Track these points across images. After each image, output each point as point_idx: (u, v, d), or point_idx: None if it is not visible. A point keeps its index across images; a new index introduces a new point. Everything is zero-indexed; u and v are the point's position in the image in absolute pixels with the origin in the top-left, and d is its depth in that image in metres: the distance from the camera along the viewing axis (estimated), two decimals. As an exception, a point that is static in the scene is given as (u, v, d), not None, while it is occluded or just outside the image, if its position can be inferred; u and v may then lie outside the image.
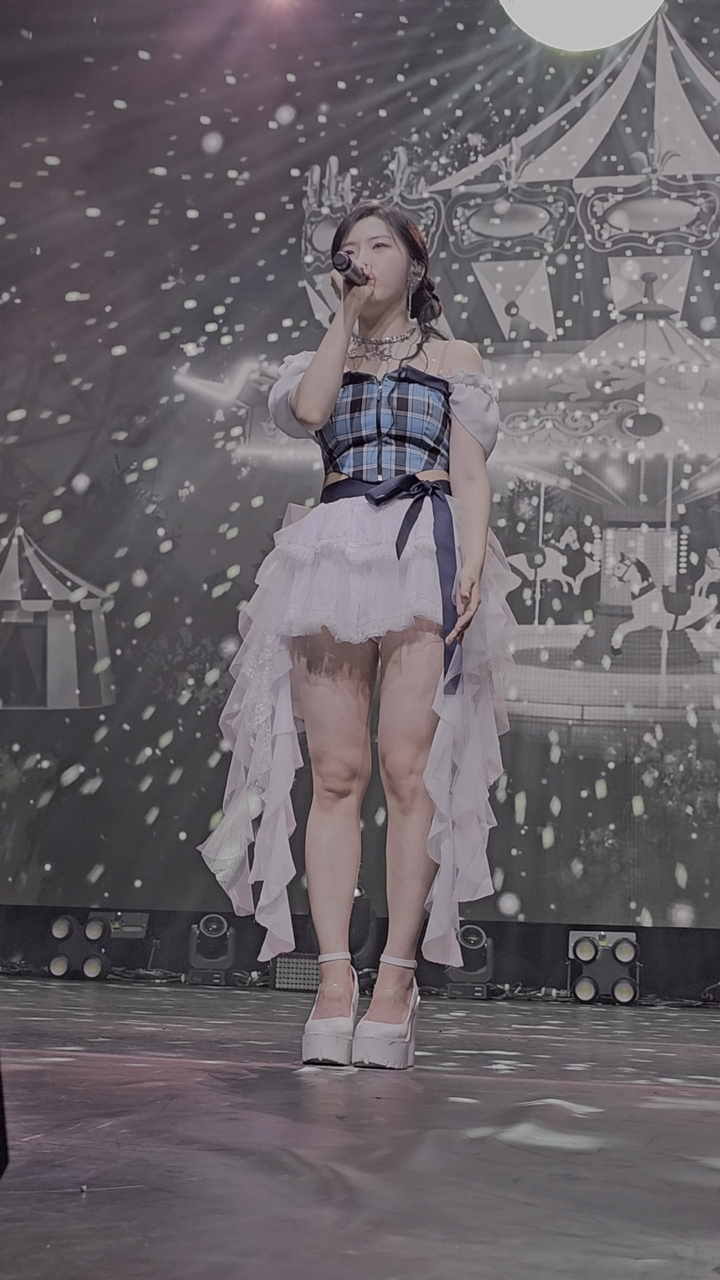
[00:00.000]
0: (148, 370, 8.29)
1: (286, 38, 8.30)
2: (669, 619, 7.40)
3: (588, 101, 7.96)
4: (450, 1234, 1.28)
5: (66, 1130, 1.80)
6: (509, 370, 7.68)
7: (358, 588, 3.08)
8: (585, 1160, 1.79)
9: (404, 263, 3.27)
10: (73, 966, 7.38)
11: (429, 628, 3.07)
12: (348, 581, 3.07)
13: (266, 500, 7.74)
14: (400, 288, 3.28)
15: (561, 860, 7.27)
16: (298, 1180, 1.53)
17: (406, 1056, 3.00)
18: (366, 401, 3.19)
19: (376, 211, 3.31)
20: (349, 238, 3.28)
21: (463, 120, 8.09)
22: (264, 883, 3.06)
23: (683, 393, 7.60)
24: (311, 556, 3.12)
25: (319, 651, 3.13)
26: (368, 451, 3.19)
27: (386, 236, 3.26)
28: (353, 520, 3.13)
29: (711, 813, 7.17)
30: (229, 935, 7.26)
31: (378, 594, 3.07)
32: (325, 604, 3.07)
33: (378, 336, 3.29)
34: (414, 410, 3.17)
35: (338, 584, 3.07)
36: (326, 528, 3.14)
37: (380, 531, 3.10)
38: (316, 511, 3.23)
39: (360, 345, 3.30)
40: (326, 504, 3.22)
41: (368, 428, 3.18)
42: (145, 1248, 1.16)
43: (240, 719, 3.13)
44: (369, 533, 3.11)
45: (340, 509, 3.16)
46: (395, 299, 3.28)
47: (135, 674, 7.93)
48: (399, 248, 3.27)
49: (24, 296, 8.54)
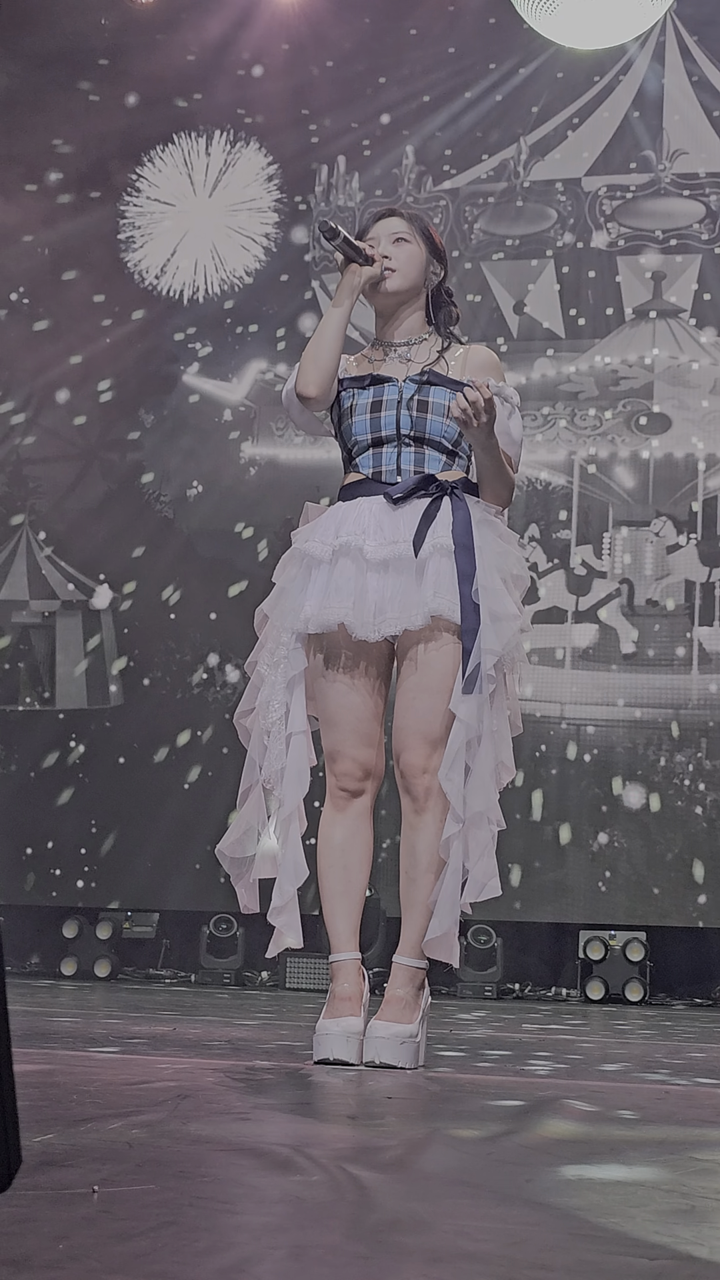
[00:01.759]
0: (157, 370, 8.30)
1: (297, 38, 8.30)
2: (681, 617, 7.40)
3: (597, 99, 7.94)
4: (462, 1234, 1.28)
5: (78, 1130, 1.80)
6: (518, 369, 7.66)
7: (375, 586, 3.08)
8: (597, 1160, 1.79)
9: (423, 259, 3.28)
10: (83, 966, 7.38)
11: (446, 627, 3.07)
12: (365, 580, 3.08)
13: (275, 498, 7.73)
14: (419, 283, 3.28)
15: (572, 859, 7.26)
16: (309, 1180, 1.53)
17: (417, 1056, 3.00)
18: (387, 403, 3.20)
19: (398, 212, 3.33)
20: (369, 234, 3.29)
21: (472, 119, 8.08)
22: (276, 883, 3.05)
23: (693, 391, 7.59)
24: (329, 554, 3.12)
25: (335, 650, 3.13)
26: (387, 452, 3.20)
27: (407, 233, 3.28)
28: (371, 519, 3.13)
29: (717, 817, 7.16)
30: (239, 935, 7.26)
31: (394, 592, 3.08)
32: (342, 601, 3.07)
33: (398, 338, 3.29)
34: (434, 413, 3.18)
35: (355, 582, 3.08)
36: (345, 526, 3.14)
37: (398, 530, 3.10)
38: (334, 510, 3.23)
39: (379, 348, 3.31)
40: (344, 503, 3.22)
41: (387, 429, 3.19)
42: (157, 1248, 1.16)
43: (255, 717, 3.13)
44: (387, 531, 3.11)
45: (359, 508, 3.17)
46: (413, 294, 3.29)
47: (144, 673, 7.92)
48: (419, 244, 3.28)
49: (32, 297, 8.55)
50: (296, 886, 3.04)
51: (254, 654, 3.21)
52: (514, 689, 3.18)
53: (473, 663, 3.01)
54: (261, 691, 3.13)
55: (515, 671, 3.18)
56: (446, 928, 2.99)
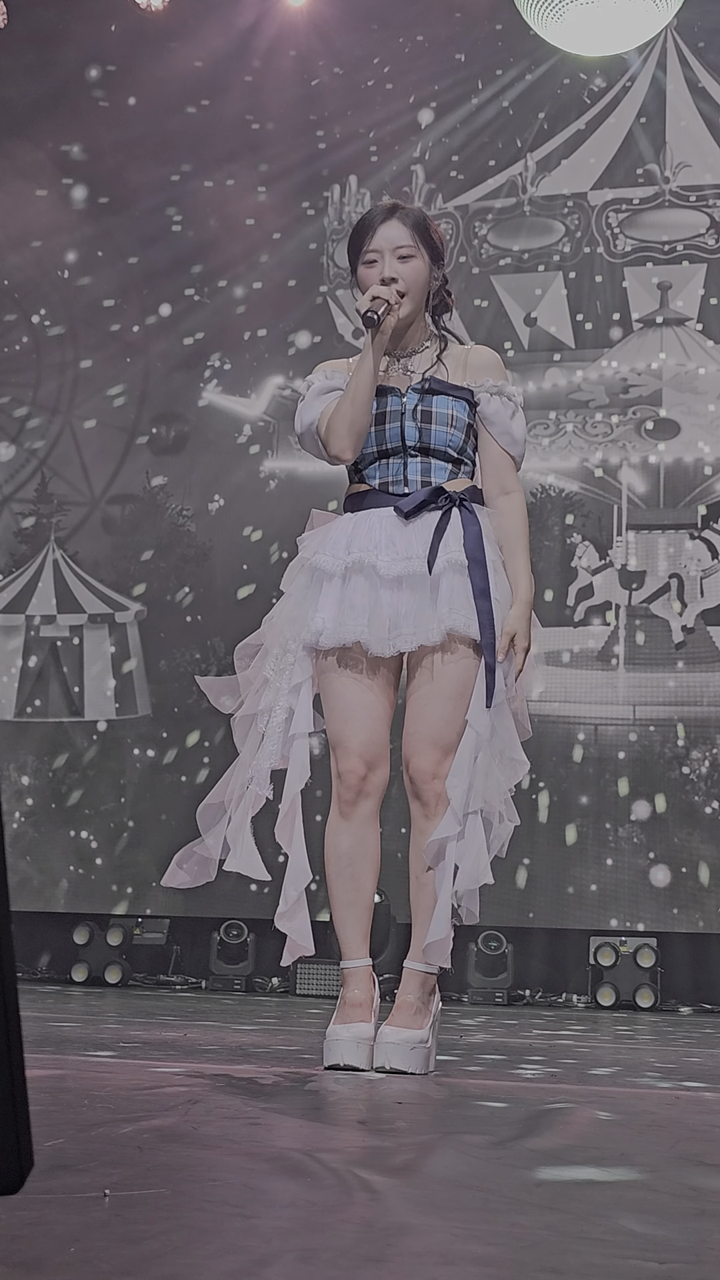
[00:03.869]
0: (176, 384, 8.34)
1: (304, 47, 8.32)
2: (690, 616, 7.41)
3: (601, 114, 7.99)
4: (473, 1237, 1.28)
5: (89, 1135, 1.81)
6: (529, 378, 7.70)
7: (389, 602, 3.08)
8: (607, 1165, 1.78)
9: (427, 272, 3.25)
10: (94, 973, 7.38)
11: (461, 640, 3.07)
12: (379, 596, 3.08)
13: (295, 511, 7.77)
14: (423, 298, 3.26)
15: (583, 865, 7.25)
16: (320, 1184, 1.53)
17: (428, 1062, 3.00)
18: (391, 414, 3.19)
19: (398, 214, 3.26)
20: (371, 244, 3.22)
21: (480, 131, 8.11)
22: (283, 887, 3.05)
23: (700, 397, 7.63)
24: (341, 569, 3.12)
25: (345, 659, 3.13)
26: (393, 464, 3.19)
27: (411, 246, 3.21)
28: (383, 534, 3.12)
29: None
30: (249, 941, 7.26)
31: (409, 609, 3.08)
32: (358, 619, 3.07)
33: (401, 348, 3.28)
34: (438, 423, 3.17)
35: (369, 599, 3.07)
36: (356, 541, 3.13)
37: (410, 545, 3.10)
38: (344, 522, 3.21)
39: (385, 358, 3.29)
40: (353, 514, 3.21)
41: (393, 440, 3.18)
42: (168, 1252, 1.17)
43: (254, 720, 3.12)
44: (399, 547, 3.10)
45: (370, 521, 3.15)
46: (419, 311, 3.27)
47: (170, 684, 7.99)
48: (422, 256, 3.23)
49: (49, 308, 8.58)
50: (301, 890, 3.04)
51: (258, 660, 3.19)
52: (524, 691, 3.18)
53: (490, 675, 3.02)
54: (264, 695, 3.13)
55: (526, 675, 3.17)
56: (446, 931, 2.98)
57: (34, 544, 8.39)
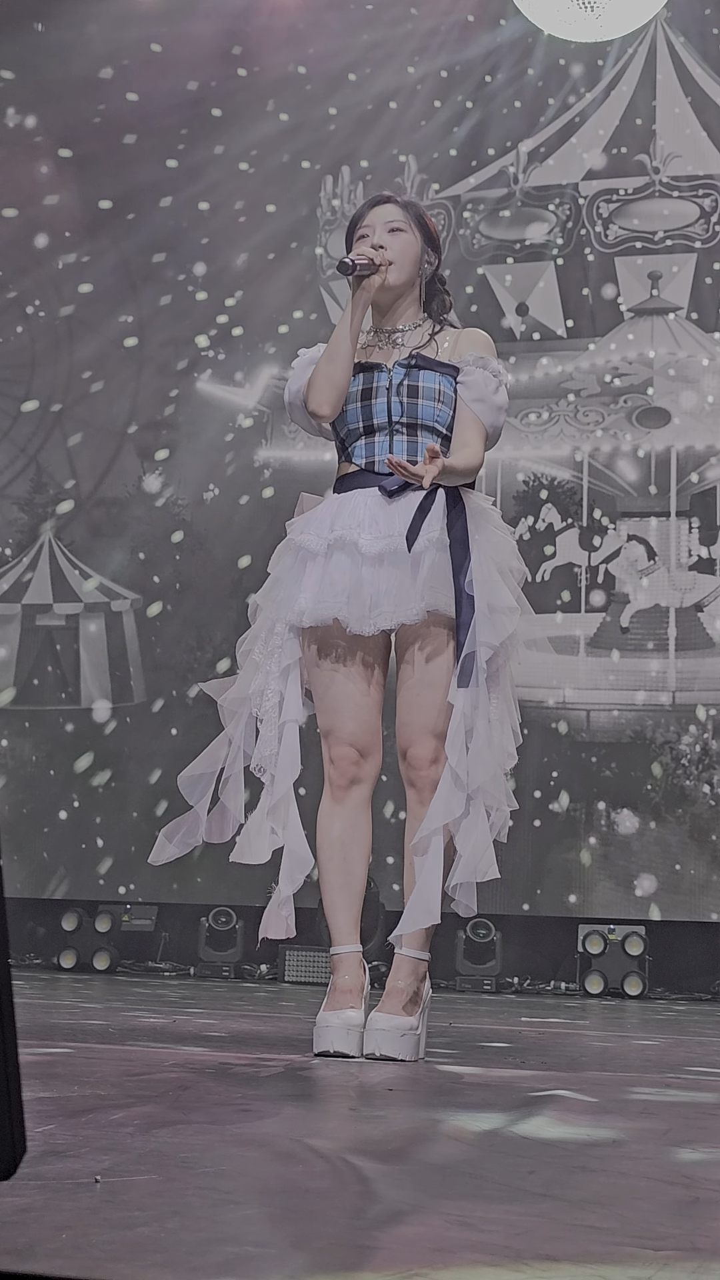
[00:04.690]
0: (170, 374, 8.33)
1: (295, 29, 8.29)
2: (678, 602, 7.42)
3: (592, 105, 8.00)
4: (465, 1225, 1.27)
5: (80, 1121, 1.80)
6: (521, 368, 7.71)
7: (369, 580, 3.07)
8: (600, 1152, 1.78)
9: (418, 249, 3.25)
10: (82, 959, 7.38)
11: (443, 622, 3.06)
12: (360, 573, 3.06)
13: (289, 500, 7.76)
14: (414, 274, 3.26)
15: (571, 854, 7.26)
16: (311, 1171, 1.53)
17: (418, 1048, 2.99)
18: (377, 390, 3.18)
19: (393, 200, 3.29)
20: (364, 223, 3.25)
21: (471, 122, 8.11)
22: (283, 872, 3.03)
23: (691, 386, 7.64)
24: (324, 548, 3.11)
25: (331, 642, 3.12)
26: (379, 441, 3.17)
27: (402, 222, 3.24)
28: (365, 512, 3.12)
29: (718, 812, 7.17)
30: (238, 928, 7.26)
31: (389, 586, 3.06)
32: (337, 596, 3.06)
33: (390, 325, 3.27)
34: (424, 398, 3.15)
35: (350, 576, 3.06)
36: (339, 519, 3.13)
37: (393, 523, 3.09)
38: (330, 502, 3.22)
39: (372, 334, 3.29)
40: (339, 495, 3.21)
41: (379, 416, 3.17)
42: (160, 1238, 1.16)
43: (245, 703, 3.11)
44: (382, 525, 3.09)
45: (353, 500, 3.15)
46: (409, 285, 3.26)
47: (166, 672, 8.01)
48: (414, 233, 3.25)
49: (39, 294, 8.55)
50: (305, 874, 3.02)
51: (248, 642, 3.20)
52: (513, 678, 3.16)
53: (465, 655, 2.99)
54: (255, 679, 3.12)
55: (514, 661, 3.15)
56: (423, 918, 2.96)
57: (30, 534, 8.40)
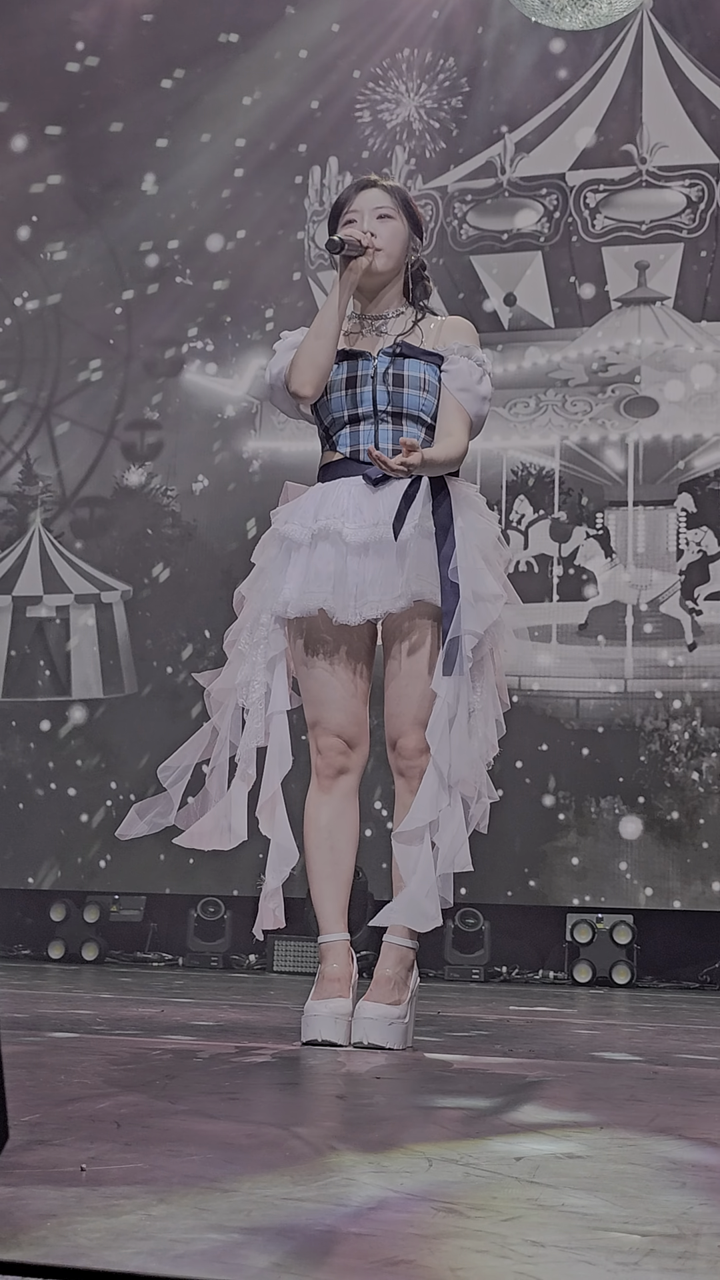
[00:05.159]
0: (158, 365, 8.32)
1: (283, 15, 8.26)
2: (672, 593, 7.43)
3: (579, 96, 8.00)
4: (453, 1213, 1.27)
5: (66, 1110, 1.80)
6: (509, 358, 7.72)
7: (355, 569, 3.05)
8: (587, 1139, 1.78)
9: (406, 235, 3.25)
10: (70, 950, 7.38)
11: (429, 612, 3.05)
12: (345, 563, 3.05)
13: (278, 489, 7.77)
14: (401, 260, 3.25)
15: (559, 843, 7.27)
16: (298, 1159, 1.53)
17: (406, 1037, 3.00)
18: (362, 378, 3.16)
19: (379, 184, 3.27)
20: (351, 207, 3.24)
21: (459, 112, 8.10)
22: (269, 866, 3.03)
23: (678, 375, 7.65)
24: (309, 537, 3.10)
25: (317, 633, 3.12)
26: (364, 430, 3.16)
27: (391, 208, 3.23)
28: (350, 501, 3.10)
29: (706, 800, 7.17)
30: (226, 918, 7.26)
31: (375, 575, 3.05)
32: (322, 586, 3.05)
33: (374, 312, 3.26)
34: (410, 386, 3.14)
35: (335, 565, 3.05)
36: (324, 509, 3.12)
37: (378, 512, 3.07)
38: (314, 491, 3.21)
39: (356, 321, 3.28)
40: (323, 484, 3.20)
41: (364, 405, 3.15)
42: (146, 1226, 1.16)
43: (233, 695, 3.11)
44: (366, 514, 3.08)
45: (338, 489, 3.14)
46: (395, 272, 3.25)
47: (156, 663, 8.01)
48: (402, 220, 3.24)
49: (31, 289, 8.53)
50: (290, 868, 3.02)
51: (232, 633, 3.19)
52: (500, 666, 3.15)
53: (449, 643, 2.97)
54: (242, 670, 3.12)
55: (500, 649, 3.14)
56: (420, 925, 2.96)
57: (19, 525, 8.40)
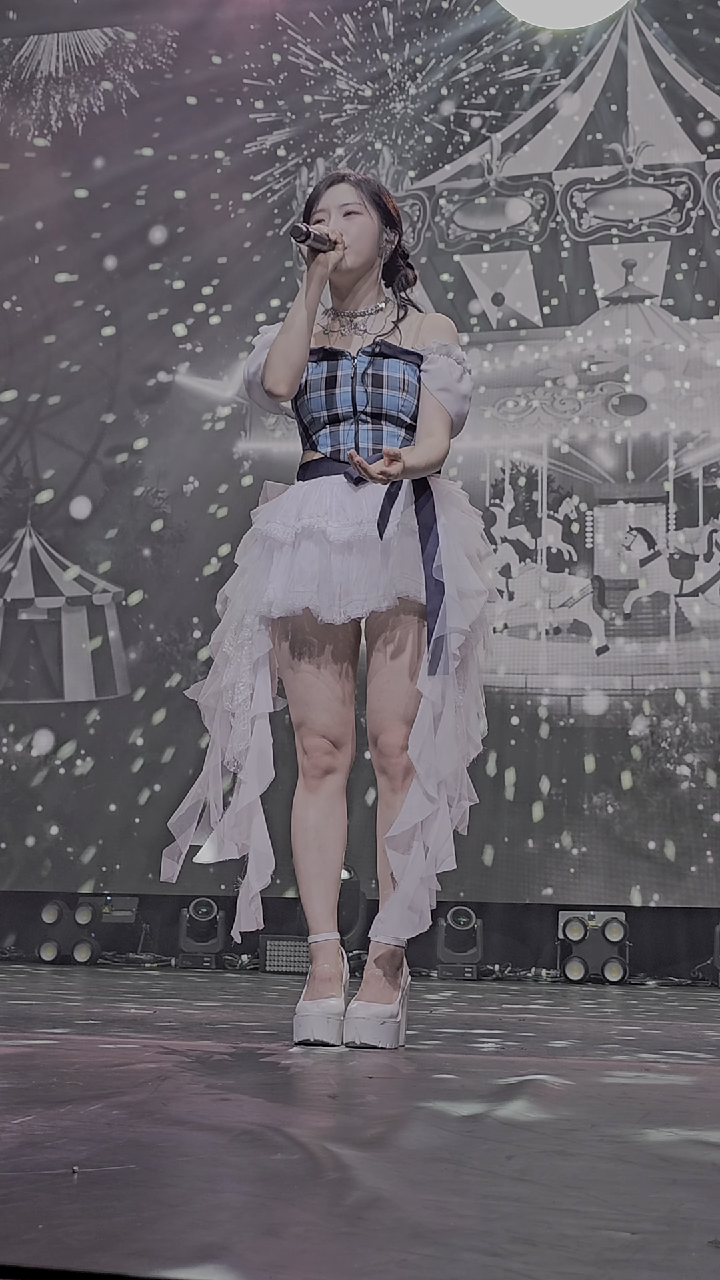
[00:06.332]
0: (147, 366, 8.32)
1: (268, 18, 8.26)
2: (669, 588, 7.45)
3: (565, 94, 8.01)
4: (443, 1210, 1.27)
5: (57, 1112, 1.80)
6: (497, 356, 7.72)
7: (339, 568, 3.04)
8: (578, 1137, 1.78)
9: (376, 230, 3.22)
10: (63, 951, 7.37)
11: (413, 609, 3.04)
12: (329, 562, 3.04)
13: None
14: (372, 255, 3.23)
15: (551, 840, 7.28)
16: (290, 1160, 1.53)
17: (398, 1036, 2.99)
18: (341, 378, 3.15)
19: (348, 179, 3.24)
20: (319, 205, 3.22)
21: (446, 112, 8.11)
22: (248, 875, 3.03)
23: (666, 373, 7.66)
24: (291, 537, 3.09)
25: (301, 633, 3.11)
26: (344, 430, 3.15)
27: (357, 203, 3.20)
28: (333, 500, 3.09)
29: (696, 797, 7.19)
30: (219, 919, 7.26)
31: (359, 574, 3.04)
32: (307, 585, 3.04)
33: (351, 309, 3.25)
34: (389, 387, 3.13)
35: (319, 565, 3.04)
36: (306, 508, 3.11)
37: (361, 511, 3.06)
38: (295, 490, 3.19)
39: (334, 319, 3.26)
40: (304, 482, 3.19)
41: (343, 405, 3.14)
42: (137, 1228, 1.16)
43: (220, 698, 3.10)
44: (349, 512, 3.07)
45: (320, 488, 3.13)
46: (367, 267, 3.23)
47: (148, 664, 8.01)
48: (370, 214, 3.21)
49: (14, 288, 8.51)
50: (270, 871, 3.02)
51: (216, 635, 3.18)
52: (481, 664, 3.15)
53: (436, 641, 2.97)
54: (226, 672, 3.11)
55: (483, 647, 3.14)
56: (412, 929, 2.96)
57: (10, 528, 8.40)
